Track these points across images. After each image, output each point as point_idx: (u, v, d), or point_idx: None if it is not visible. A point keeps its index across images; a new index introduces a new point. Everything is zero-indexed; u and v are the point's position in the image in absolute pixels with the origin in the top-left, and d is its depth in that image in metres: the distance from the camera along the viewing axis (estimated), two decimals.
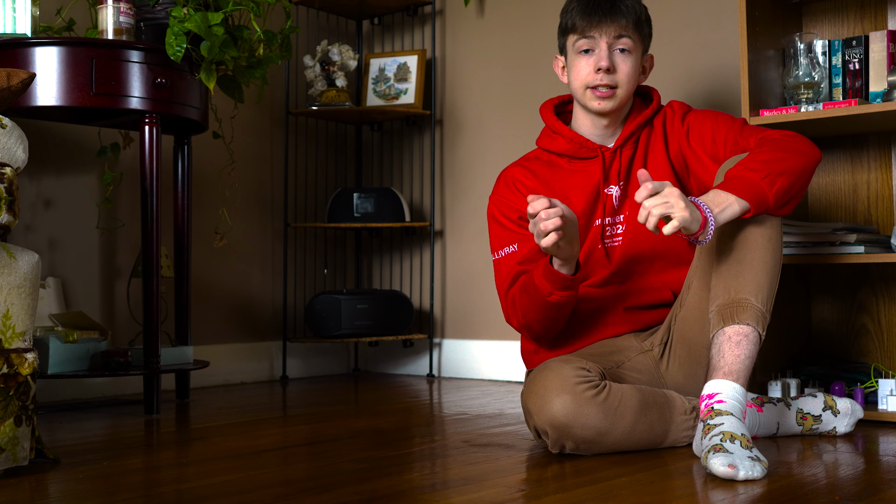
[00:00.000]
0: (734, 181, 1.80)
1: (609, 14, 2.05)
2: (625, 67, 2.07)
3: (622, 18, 2.05)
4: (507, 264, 2.09)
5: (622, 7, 2.06)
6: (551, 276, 1.91)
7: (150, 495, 1.61)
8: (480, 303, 3.46)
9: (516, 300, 2.03)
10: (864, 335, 2.56)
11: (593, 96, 2.07)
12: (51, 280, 2.80)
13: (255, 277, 3.46)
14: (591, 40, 2.06)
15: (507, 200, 2.13)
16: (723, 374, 1.78)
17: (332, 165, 3.74)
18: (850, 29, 2.58)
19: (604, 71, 2.05)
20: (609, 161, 2.11)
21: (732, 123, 2.06)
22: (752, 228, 1.83)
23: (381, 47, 3.81)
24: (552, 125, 2.16)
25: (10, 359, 1.71)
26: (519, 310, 2.03)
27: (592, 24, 2.05)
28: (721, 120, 2.08)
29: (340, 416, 2.54)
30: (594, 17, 2.05)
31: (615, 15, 2.05)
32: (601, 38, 2.05)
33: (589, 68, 2.07)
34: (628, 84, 2.08)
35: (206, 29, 2.46)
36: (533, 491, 1.60)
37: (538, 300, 1.96)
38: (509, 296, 2.06)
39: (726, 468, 1.60)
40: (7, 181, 1.75)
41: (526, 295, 1.99)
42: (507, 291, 2.07)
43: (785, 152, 1.87)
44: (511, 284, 2.06)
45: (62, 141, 2.92)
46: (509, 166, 2.19)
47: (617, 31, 2.05)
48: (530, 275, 1.98)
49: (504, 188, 2.15)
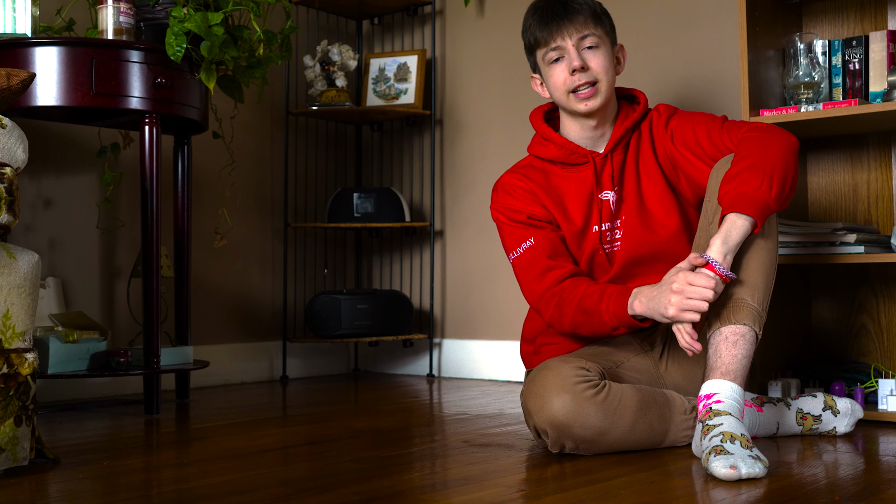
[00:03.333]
0: (733, 200, 1.81)
1: (565, 16, 2.06)
2: (597, 61, 2.07)
3: (579, 16, 2.06)
4: (531, 259, 2.04)
5: (575, 6, 2.07)
6: (626, 320, 1.89)
7: (150, 495, 1.61)
8: (480, 303, 3.47)
9: (565, 310, 1.98)
10: (864, 335, 2.56)
11: (577, 99, 2.07)
12: (51, 280, 2.80)
13: (255, 277, 3.46)
14: (558, 49, 2.07)
15: (510, 205, 2.11)
16: (720, 374, 1.78)
17: (332, 165, 3.74)
18: (850, 29, 2.58)
19: (579, 70, 2.05)
20: (601, 166, 2.10)
21: (713, 121, 2.06)
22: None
23: (381, 47, 3.81)
24: (543, 132, 2.16)
25: (10, 359, 1.71)
26: (568, 320, 1.98)
27: (553, 32, 2.06)
28: (700, 118, 2.08)
29: (340, 416, 2.54)
30: (552, 25, 2.06)
31: (571, 15, 2.06)
32: (566, 42, 2.06)
33: (564, 73, 2.07)
34: (606, 76, 2.08)
35: (206, 29, 2.46)
36: (533, 491, 1.60)
37: (597, 326, 1.94)
38: (553, 300, 2.00)
39: (728, 470, 1.60)
40: (7, 181, 1.75)
41: (584, 316, 1.95)
42: (544, 292, 2.01)
43: (768, 149, 1.86)
44: (552, 285, 2.01)
45: (62, 141, 2.92)
46: (503, 176, 2.17)
47: (579, 31, 2.06)
48: (594, 299, 1.94)
49: (504, 196, 2.13)
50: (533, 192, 2.10)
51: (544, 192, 2.10)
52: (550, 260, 2.03)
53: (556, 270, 2.02)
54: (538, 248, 2.05)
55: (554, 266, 2.02)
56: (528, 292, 2.05)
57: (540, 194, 2.10)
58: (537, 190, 2.11)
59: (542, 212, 2.08)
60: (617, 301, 1.89)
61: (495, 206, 2.15)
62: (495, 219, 2.15)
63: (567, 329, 2.00)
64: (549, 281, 2.01)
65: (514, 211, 2.10)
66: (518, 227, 2.09)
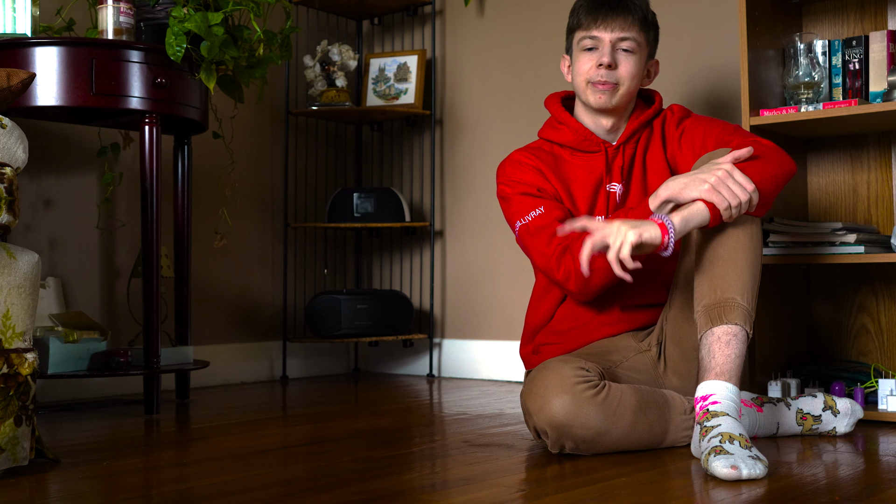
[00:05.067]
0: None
1: (615, 9, 2.06)
2: (627, 65, 2.07)
3: (629, 15, 2.06)
4: (541, 225, 2.00)
5: (629, 4, 2.07)
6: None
7: (150, 495, 1.61)
8: (480, 303, 3.47)
9: (578, 250, 1.89)
10: (864, 335, 2.56)
11: (593, 90, 2.07)
12: (51, 280, 2.80)
13: (255, 277, 3.46)
14: (595, 39, 2.07)
15: (519, 178, 2.09)
16: (715, 375, 1.77)
17: (332, 165, 3.74)
18: (850, 29, 2.58)
19: (605, 67, 2.05)
20: (612, 157, 2.11)
21: (725, 127, 2.06)
22: (733, 228, 1.83)
23: (381, 47, 3.81)
24: (558, 115, 2.15)
25: (10, 359, 1.71)
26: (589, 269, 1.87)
27: (598, 20, 2.06)
28: (715, 124, 2.08)
29: (340, 416, 2.54)
30: (600, 13, 2.06)
31: (622, 11, 2.06)
32: (605, 36, 2.06)
33: (591, 63, 2.07)
34: (630, 82, 2.08)
35: (206, 29, 2.46)
36: (533, 491, 1.60)
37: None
38: (566, 252, 1.95)
39: (729, 469, 1.60)
40: (7, 181, 1.75)
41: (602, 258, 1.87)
42: (555, 249, 1.97)
43: (769, 161, 1.87)
44: (562, 241, 1.96)
45: (62, 141, 2.92)
46: (511, 154, 2.15)
47: (622, 30, 2.06)
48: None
49: (512, 170, 2.11)
50: (541, 171, 2.09)
51: (553, 174, 2.10)
52: (562, 223, 1.99)
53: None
54: (548, 216, 2.02)
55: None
56: (538, 255, 2.01)
57: (548, 174, 2.09)
58: (546, 170, 2.10)
59: (550, 188, 2.08)
60: (638, 207, 1.87)
61: (503, 181, 2.12)
62: (501, 193, 2.11)
63: (584, 270, 1.91)
64: (560, 239, 1.97)
65: (523, 184, 2.08)
66: (527, 197, 2.06)
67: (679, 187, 1.78)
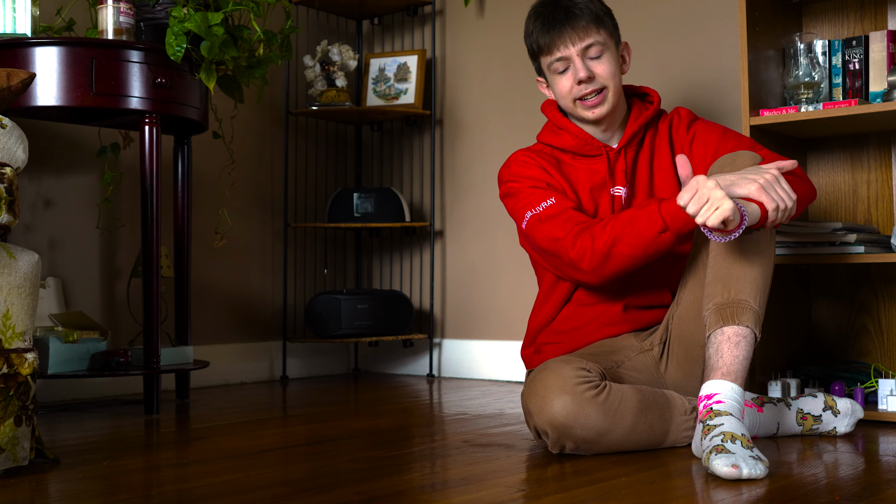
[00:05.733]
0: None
1: (567, 23, 2.05)
2: (603, 68, 2.06)
3: (580, 20, 2.05)
4: (554, 213, 1.98)
5: (576, 11, 2.05)
6: (676, 214, 1.82)
7: (150, 495, 1.61)
8: (480, 303, 3.47)
9: (599, 234, 1.89)
10: (864, 335, 2.56)
11: (584, 107, 2.08)
12: (51, 280, 2.80)
13: (255, 277, 3.46)
14: (563, 60, 2.07)
15: (527, 174, 2.08)
16: (721, 375, 1.77)
17: (332, 165, 3.74)
18: (850, 29, 2.58)
19: (585, 81, 2.05)
20: (614, 160, 2.11)
21: (740, 140, 2.06)
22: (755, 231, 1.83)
23: (381, 47, 3.81)
24: (557, 121, 2.15)
25: (10, 359, 1.71)
26: (602, 240, 1.89)
27: (556, 39, 2.05)
28: (730, 135, 2.08)
29: (340, 416, 2.54)
30: (555, 31, 2.05)
31: (573, 21, 2.05)
32: (570, 51, 2.05)
33: (570, 82, 2.07)
34: (613, 81, 2.07)
35: (206, 29, 2.46)
36: (533, 491, 1.60)
37: (642, 230, 1.86)
38: (583, 233, 1.92)
39: (729, 468, 1.60)
40: (7, 181, 1.75)
41: (628, 226, 1.87)
42: (569, 230, 1.94)
43: (799, 179, 1.93)
44: (578, 222, 1.94)
45: (62, 141, 2.92)
46: (515, 154, 2.15)
47: (581, 39, 2.04)
48: (636, 209, 1.89)
49: (519, 168, 2.10)
50: (547, 170, 2.10)
51: (558, 174, 2.10)
52: (575, 211, 1.99)
53: (581, 216, 1.98)
54: (560, 206, 2.00)
55: (579, 214, 1.99)
56: (549, 240, 1.98)
57: (554, 173, 2.09)
58: (551, 170, 2.10)
59: (557, 185, 2.08)
60: (666, 201, 1.86)
61: (509, 178, 2.11)
62: (508, 189, 2.10)
63: (600, 250, 1.90)
64: (576, 220, 1.96)
65: (531, 178, 2.08)
66: (537, 189, 2.05)
67: (727, 183, 1.76)
